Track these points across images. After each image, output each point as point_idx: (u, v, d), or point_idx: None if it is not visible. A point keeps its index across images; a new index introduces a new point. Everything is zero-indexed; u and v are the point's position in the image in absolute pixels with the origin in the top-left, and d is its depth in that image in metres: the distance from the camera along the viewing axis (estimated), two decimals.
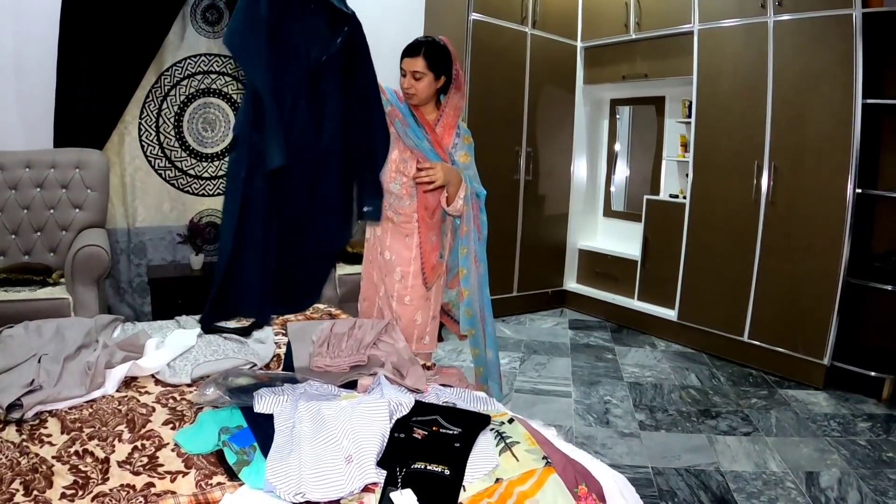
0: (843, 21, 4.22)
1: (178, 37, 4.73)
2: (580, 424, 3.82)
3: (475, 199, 2.94)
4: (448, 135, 2.88)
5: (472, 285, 2.98)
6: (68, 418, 2.01)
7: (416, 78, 2.76)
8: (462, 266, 2.96)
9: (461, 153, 2.90)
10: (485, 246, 3.02)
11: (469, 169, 2.92)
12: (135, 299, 4.85)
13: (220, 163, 5.06)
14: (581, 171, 6.56)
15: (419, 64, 2.75)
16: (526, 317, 6.11)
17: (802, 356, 4.57)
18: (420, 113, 2.87)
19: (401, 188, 2.88)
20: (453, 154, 2.88)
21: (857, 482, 3.21)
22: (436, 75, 2.79)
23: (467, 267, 2.95)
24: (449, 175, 2.73)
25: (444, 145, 2.86)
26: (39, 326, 2.64)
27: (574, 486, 1.74)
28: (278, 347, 2.79)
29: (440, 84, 2.83)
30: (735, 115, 4.90)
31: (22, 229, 4.15)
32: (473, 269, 2.96)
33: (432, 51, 2.77)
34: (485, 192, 2.98)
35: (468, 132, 2.95)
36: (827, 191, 4.39)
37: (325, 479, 1.62)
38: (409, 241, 2.94)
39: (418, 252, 2.93)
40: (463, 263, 2.95)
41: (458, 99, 2.88)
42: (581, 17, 6.17)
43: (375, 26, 5.49)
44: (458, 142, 2.90)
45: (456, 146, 2.89)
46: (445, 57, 2.81)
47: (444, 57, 2.80)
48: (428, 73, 2.76)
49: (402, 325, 2.97)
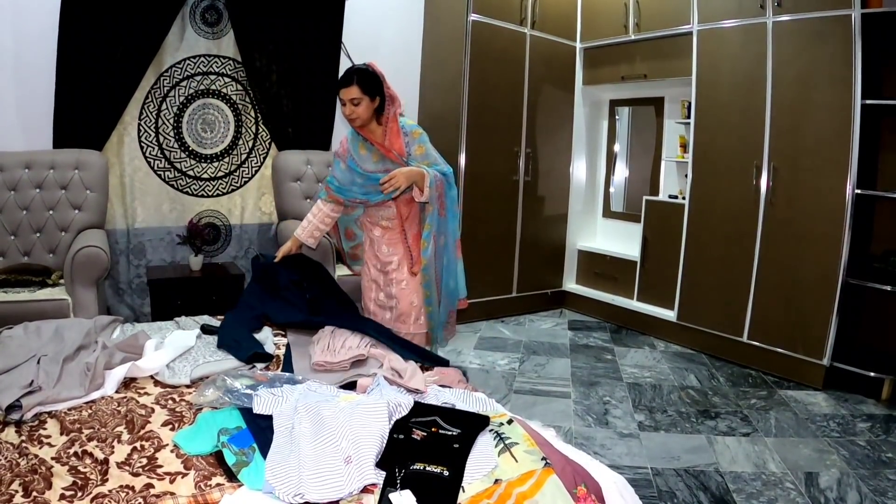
0: (842, 21, 4.22)
1: (178, 38, 4.72)
2: (579, 425, 3.82)
3: (439, 180, 3.16)
4: (396, 140, 3.16)
5: (429, 255, 3.23)
6: (67, 419, 2.01)
7: (355, 104, 3.04)
8: (424, 238, 3.23)
9: (415, 147, 3.19)
10: (456, 219, 3.36)
11: (428, 157, 3.22)
12: (134, 300, 4.84)
13: (219, 164, 5.05)
14: (580, 171, 6.56)
15: (354, 91, 3.02)
16: (525, 317, 6.11)
17: (802, 357, 4.57)
18: (367, 133, 3.18)
19: (381, 200, 3.21)
20: (409, 152, 3.18)
21: (856, 483, 3.21)
22: (371, 97, 3.06)
23: (428, 239, 3.21)
24: (410, 175, 3.04)
25: (396, 149, 3.15)
26: (39, 327, 2.64)
27: (573, 486, 1.74)
28: (277, 349, 2.79)
29: (376, 104, 3.11)
30: (734, 115, 4.90)
31: (21, 230, 4.15)
32: (431, 241, 3.22)
33: (363, 77, 3.04)
34: (450, 170, 3.26)
35: (414, 126, 3.25)
36: (826, 191, 4.39)
37: (325, 480, 1.63)
38: (400, 237, 3.31)
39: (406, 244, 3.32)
40: (425, 236, 3.22)
41: (394, 109, 3.15)
42: (580, 18, 6.16)
43: (374, 29, 5.55)
44: (409, 140, 3.19)
45: (408, 145, 3.18)
46: (375, 80, 3.08)
47: (374, 80, 3.08)
48: (363, 96, 3.04)
49: (401, 307, 3.32)
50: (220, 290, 4.60)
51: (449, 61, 5.56)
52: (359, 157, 3.22)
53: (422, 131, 3.25)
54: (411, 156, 3.18)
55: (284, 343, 2.85)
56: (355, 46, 5.33)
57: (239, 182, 5.15)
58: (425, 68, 5.88)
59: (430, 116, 5.80)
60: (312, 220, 3.43)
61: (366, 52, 5.38)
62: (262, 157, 5.20)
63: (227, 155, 5.08)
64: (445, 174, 3.22)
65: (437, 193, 3.16)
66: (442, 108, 5.68)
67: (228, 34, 4.89)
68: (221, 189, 5.09)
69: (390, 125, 3.16)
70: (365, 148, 3.20)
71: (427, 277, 3.28)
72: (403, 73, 5.75)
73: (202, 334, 2.86)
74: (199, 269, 4.70)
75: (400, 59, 5.72)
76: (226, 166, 5.08)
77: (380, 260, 3.36)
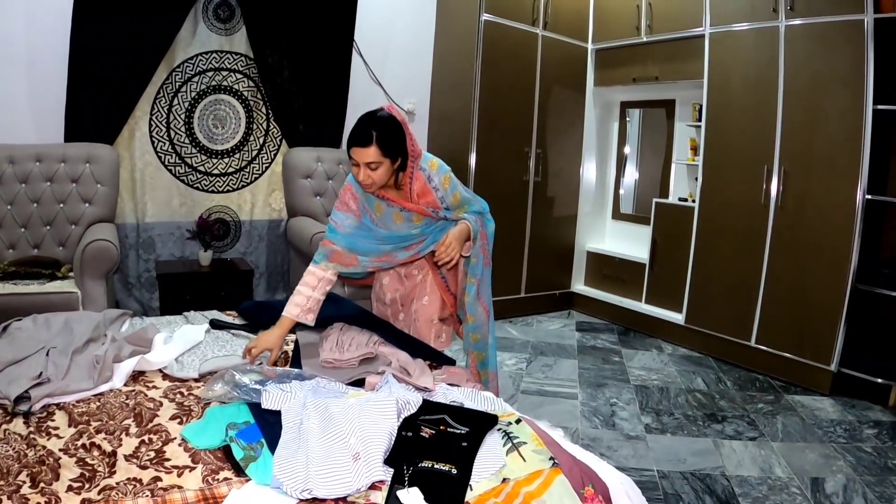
0: (854, 26, 4.21)
1: (190, 33, 4.73)
2: (586, 426, 3.82)
3: (480, 225, 2.79)
4: (426, 196, 2.67)
5: (477, 312, 2.90)
6: (76, 411, 2.02)
7: (372, 168, 2.46)
8: (468, 293, 2.86)
9: (450, 197, 2.71)
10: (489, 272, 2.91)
11: (463, 202, 2.76)
12: (143, 294, 4.86)
13: (230, 160, 5.06)
14: (590, 173, 6.55)
15: (371, 153, 2.43)
16: (533, 318, 6.10)
17: (809, 362, 4.55)
18: (383, 193, 2.66)
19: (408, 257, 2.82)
20: (446, 205, 2.71)
21: (862, 489, 3.20)
22: (392, 159, 2.50)
23: (471, 293, 2.85)
24: (461, 236, 2.66)
25: (428, 205, 2.68)
26: (48, 319, 2.65)
27: (580, 487, 1.74)
28: (286, 345, 2.79)
29: (397, 165, 2.56)
30: (745, 119, 4.88)
31: (31, 223, 4.16)
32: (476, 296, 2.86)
33: (384, 135, 2.46)
34: (485, 204, 2.85)
35: (439, 170, 2.69)
36: (836, 196, 4.37)
37: (333, 476, 1.63)
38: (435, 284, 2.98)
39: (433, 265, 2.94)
40: (469, 290, 2.86)
41: (417, 166, 2.64)
42: (592, 19, 6.15)
43: (386, 28, 5.55)
44: (441, 193, 2.68)
45: (442, 199, 2.69)
46: (398, 134, 2.52)
47: (396, 136, 2.51)
48: (384, 159, 2.46)
49: (419, 324, 3.01)
50: (228, 286, 4.61)
51: (460, 61, 5.56)
52: (378, 216, 2.72)
53: (448, 171, 2.70)
54: (448, 208, 2.71)
55: (293, 339, 2.85)
56: (367, 45, 5.33)
57: (249, 178, 5.16)
58: (437, 67, 5.87)
59: (441, 116, 5.80)
60: (312, 294, 2.64)
61: (377, 51, 5.40)
62: (273, 154, 5.21)
63: (237, 151, 5.09)
64: (482, 213, 2.80)
65: (481, 242, 2.79)
66: (453, 107, 5.67)
67: (241, 30, 4.89)
68: (232, 185, 5.10)
69: (414, 185, 2.63)
70: (382, 208, 2.70)
71: (479, 337, 2.96)
72: (415, 72, 5.76)
73: (211, 329, 2.86)
74: (208, 265, 4.72)
75: (411, 58, 5.73)
76: (236, 162, 5.09)
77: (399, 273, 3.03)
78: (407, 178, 2.62)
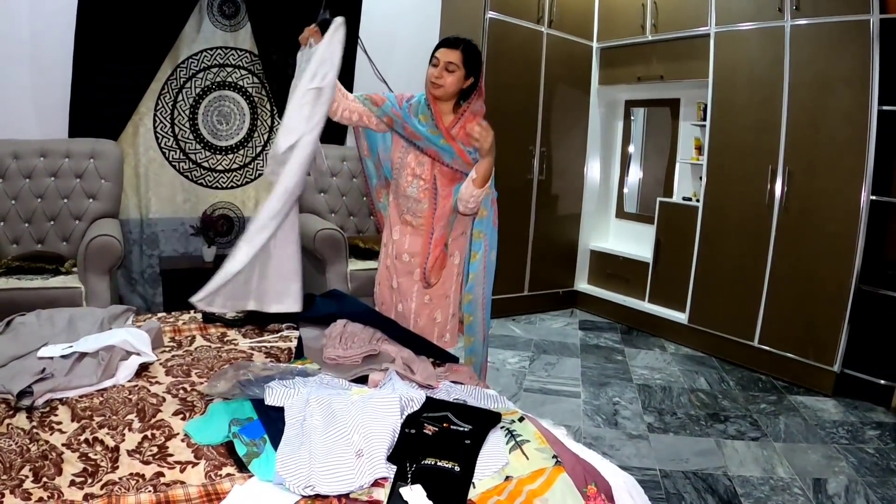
0: (860, 26, 4.20)
1: (195, 29, 4.74)
2: (588, 425, 3.82)
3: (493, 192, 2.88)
4: (465, 137, 2.77)
5: (478, 270, 2.91)
6: (79, 406, 2.02)
7: (450, 70, 2.70)
8: (474, 250, 2.90)
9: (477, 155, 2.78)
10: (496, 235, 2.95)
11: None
12: (146, 290, 4.86)
13: (234, 156, 5.07)
14: (594, 171, 6.54)
15: (455, 56, 2.69)
16: (536, 316, 6.10)
17: (812, 362, 4.55)
18: (437, 109, 2.80)
19: (418, 192, 2.87)
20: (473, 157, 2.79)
21: (864, 490, 3.19)
22: (467, 73, 2.73)
23: (479, 250, 2.89)
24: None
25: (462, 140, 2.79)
26: (52, 315, 2.65)
27: (583, 485, 1.74)
28: (289, 341, 2.79)
29: (467, 84, 2.77)
30: (750, 118, 4.87)
31: (35, 218, 4.17)
32: (483, 253, 2.89)
33: (470, 48, 2.73)
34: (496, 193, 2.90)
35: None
36: (841, 197, 4.37)
37: (335, 473, 1.63)
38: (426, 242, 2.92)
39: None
40: (476, 247, 2.90)
41: (479, 105, 2.83)
42: (597, 18, 6.14)
43: (391, 24, 5.55)
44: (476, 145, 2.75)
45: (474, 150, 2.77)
46: (479, 59, 2.78)
47: (478, 58, 2.77)
48: (461, 68, 2.70)
49: (422, 323, 3.01)
50: None
51: None
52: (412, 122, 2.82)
53: None
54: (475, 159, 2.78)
55: (296, 336, 2.85)
56: (372, 43, 5.28)
57: (253, 174, 5.16)
58: None
59: None
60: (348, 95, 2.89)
61: (382, 48, 5.38)
62: None
63: (242, 147, 5.09)
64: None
65: (493, 195, 2.86)
66: None
67: (245, 27, 4.90)
68: (236, 181, 5.11)
69: (468, 116, 2.79)
70: (424, 123, 2.81)
71: (472, 297, 2.96)
72: (420, 70, 5.69)
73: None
74: (211, 261, 4.72)
75: (416, 55, 5.69)
76: (241, 158, 5.10)
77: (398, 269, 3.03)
78: (462, 111, 2.80)
